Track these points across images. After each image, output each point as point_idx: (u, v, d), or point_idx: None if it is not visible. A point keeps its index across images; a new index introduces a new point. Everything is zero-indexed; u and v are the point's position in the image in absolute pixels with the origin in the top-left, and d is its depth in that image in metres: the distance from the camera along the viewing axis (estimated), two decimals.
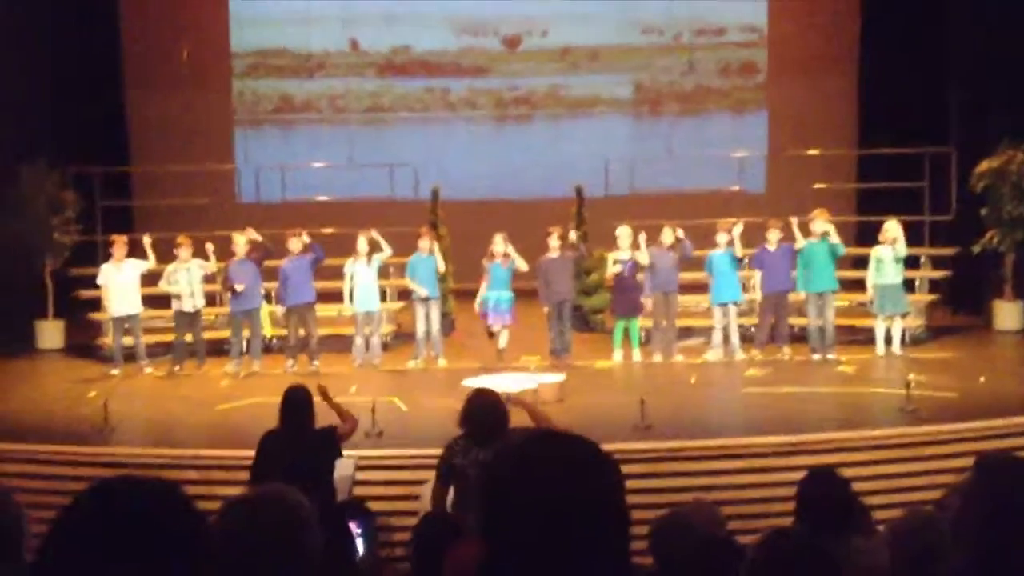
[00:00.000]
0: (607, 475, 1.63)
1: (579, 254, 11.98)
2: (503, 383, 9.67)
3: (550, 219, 12.33)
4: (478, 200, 15.74)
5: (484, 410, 5.30)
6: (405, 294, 12.45)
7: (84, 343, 12.86)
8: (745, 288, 12.16)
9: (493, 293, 11.48)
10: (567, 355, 11.62)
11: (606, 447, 1.68)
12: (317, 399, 6.07)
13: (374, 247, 11.87)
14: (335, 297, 12.10)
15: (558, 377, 10.24)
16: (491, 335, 11.49)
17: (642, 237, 11.65)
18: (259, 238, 11.87)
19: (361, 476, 7.59)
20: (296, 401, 5.94)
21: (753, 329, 12.10)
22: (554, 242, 11.69)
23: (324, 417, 6.20)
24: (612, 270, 11.77)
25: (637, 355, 11.79)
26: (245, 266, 11.63)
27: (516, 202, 15.65)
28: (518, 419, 5.59)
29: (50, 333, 13.42)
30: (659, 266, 11.69)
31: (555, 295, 11.61)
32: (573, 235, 11.98)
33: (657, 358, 11.75)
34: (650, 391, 9.40)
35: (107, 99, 15.42)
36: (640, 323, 11.97)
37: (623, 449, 7.33)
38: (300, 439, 5.80)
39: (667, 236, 11.77)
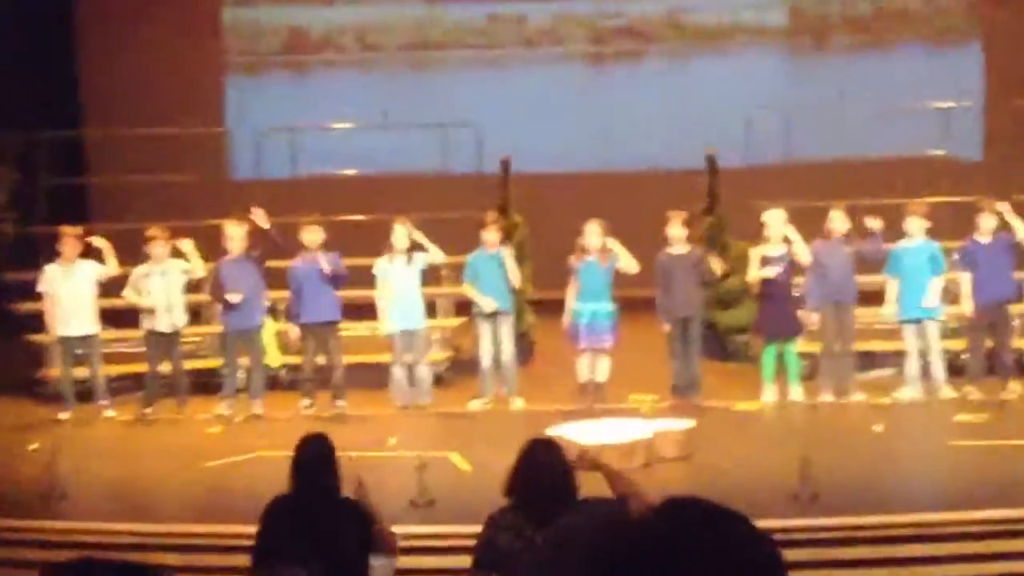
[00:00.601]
0: (764, 563, 1.61)
1: (704, 263, 11.72)
2: (602, 432, 9.66)
3: (670, 200, 12.30)
4: (565, 174, 15.77)
5: (543, 471, 5.30)
6: (464, 307, 12.51)
7: (24, 376, 13.13)
8: (952, 298, 11.99)
9: (587, 305, 11.50)
10: (696, 393, 11.59)
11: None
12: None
13: (417, 243, 11.92)
14: (367, 311, 12.20)
15: (683, 424, 10.22)
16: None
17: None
18: (266, 225, 11.92)
19: (404, 563, 7.64)
20: (314, 456, 6.00)
21: (964, 356, 11.93)
22: (676, 232, 11.65)
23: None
24: (759, 273, 11.70)
25: (797, 393, 11.74)
26: (242, 268, 11.79)
27: (620, 176, 15.64)
28: (591, 486, 5.51)
29: None
30: (829, 266, 11.61)
31: (679, 307, 11.59)
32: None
33: (826, 397, 11.69)
34: (816, 444, 9.34)
35: (53, 44, 15.75)
36: (801, 347, 11.89)
37: (778, 528, 7.30)
38: (320, 509, 5.86)
39: (839, 222, 11.68)
